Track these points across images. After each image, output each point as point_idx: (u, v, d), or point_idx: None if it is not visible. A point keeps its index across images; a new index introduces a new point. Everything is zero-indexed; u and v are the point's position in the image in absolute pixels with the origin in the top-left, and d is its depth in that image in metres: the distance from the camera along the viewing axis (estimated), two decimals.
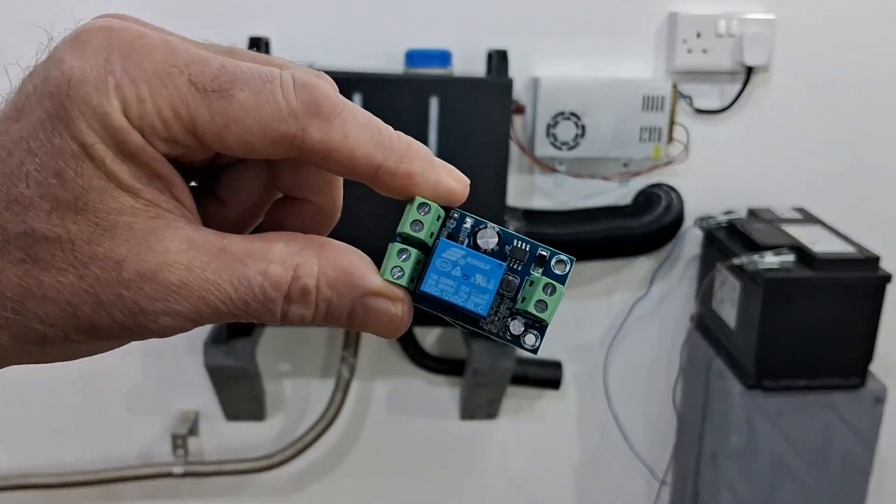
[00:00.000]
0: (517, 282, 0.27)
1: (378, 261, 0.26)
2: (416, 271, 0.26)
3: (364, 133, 0.25)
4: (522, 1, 1.27)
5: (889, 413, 1.24)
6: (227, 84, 0.24)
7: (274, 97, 0.24)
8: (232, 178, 0.28)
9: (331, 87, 0.25)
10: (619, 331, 1.43)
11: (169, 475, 1.39)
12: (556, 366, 1.39)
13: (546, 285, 0.26)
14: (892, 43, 1.34)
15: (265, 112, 0.24)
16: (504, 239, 0.27)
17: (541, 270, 0.27)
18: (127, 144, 0.23)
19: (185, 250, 0.24)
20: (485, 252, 0.27)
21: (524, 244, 0.27)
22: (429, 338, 1.42)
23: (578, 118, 1.26)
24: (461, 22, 1.26)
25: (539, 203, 1.34)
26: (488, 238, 0.27)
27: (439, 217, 0.27)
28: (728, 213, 1.34)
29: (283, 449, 1.40)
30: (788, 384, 1.21)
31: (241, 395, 1.33)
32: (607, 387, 1.46)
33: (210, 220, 0.28)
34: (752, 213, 1.34)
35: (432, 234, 0.26)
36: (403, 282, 0.26)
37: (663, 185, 1.34)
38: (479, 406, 1.41)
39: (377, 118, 0.26)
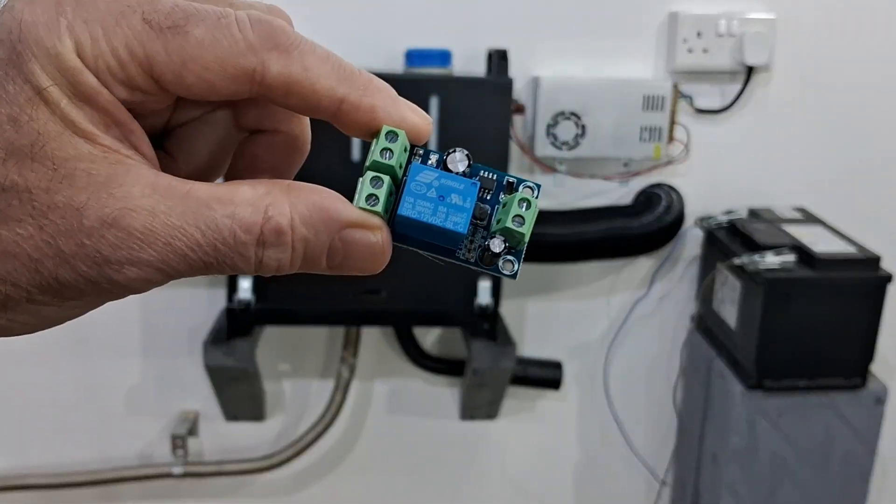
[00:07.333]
0: (489, 209, 0.27)
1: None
2: (390, 202, 0.25)
3: (325, 65, 0.24)
4: (522, 1, 1.27)
5: (890, 413, 1.24)
6: (182, 21, 0.23)
7: (230, 31, 0.23)
8: (187, 137, 0.28)
9: (287, 23, 0.25)
10: (620, 331, 1.43)
11: (168, 475, 1.39)
12: (557, 366, 1.39)
13: (521, 200, 0.26)
14: (892, 43, 1.34)
15: (223, 47, 0.23)
16: (472, 169, 0.27)
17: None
18: (82, 86, 0.22)
19: (147, 195, 0.23)
20: (456, 174, 0.26)
21: (491, 174, 0.27)
22: (429, 338, 1.42)
23: (579, 118, 1.26)
24: (461, 21, 1.26)
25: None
26: (458, 161, 0.26)
27: (406, 149, 0.26)
28: (728, 212, 1.33)
29: (282, 449, 1.40)
30: (789, 384, 1.21)
31: (240, 395, 1.33)
32: (608, 387, 1.46)
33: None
34: (753, 213, 1.34)
35: (401, 164, 0.26)
36: (379, 209, 0.25)
37: (664, 184, 1.34)
38: (479, 406, 1.41)
39: (336, 53, 0.25)
